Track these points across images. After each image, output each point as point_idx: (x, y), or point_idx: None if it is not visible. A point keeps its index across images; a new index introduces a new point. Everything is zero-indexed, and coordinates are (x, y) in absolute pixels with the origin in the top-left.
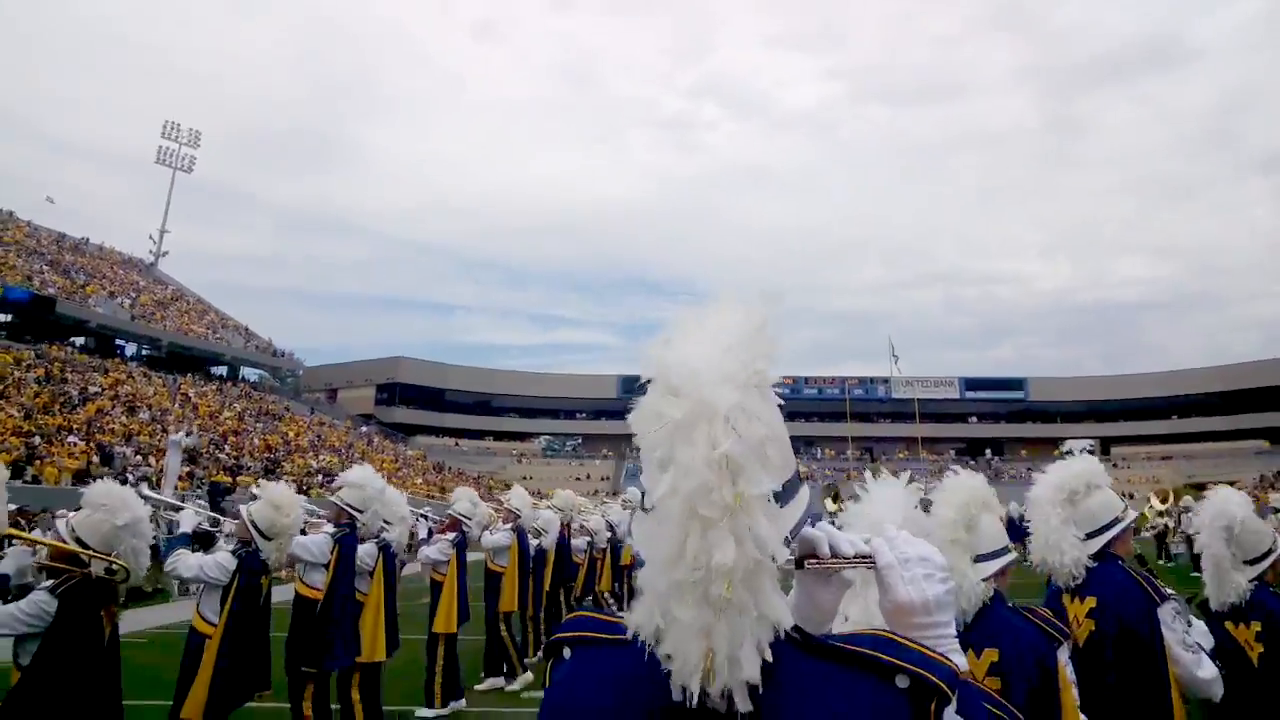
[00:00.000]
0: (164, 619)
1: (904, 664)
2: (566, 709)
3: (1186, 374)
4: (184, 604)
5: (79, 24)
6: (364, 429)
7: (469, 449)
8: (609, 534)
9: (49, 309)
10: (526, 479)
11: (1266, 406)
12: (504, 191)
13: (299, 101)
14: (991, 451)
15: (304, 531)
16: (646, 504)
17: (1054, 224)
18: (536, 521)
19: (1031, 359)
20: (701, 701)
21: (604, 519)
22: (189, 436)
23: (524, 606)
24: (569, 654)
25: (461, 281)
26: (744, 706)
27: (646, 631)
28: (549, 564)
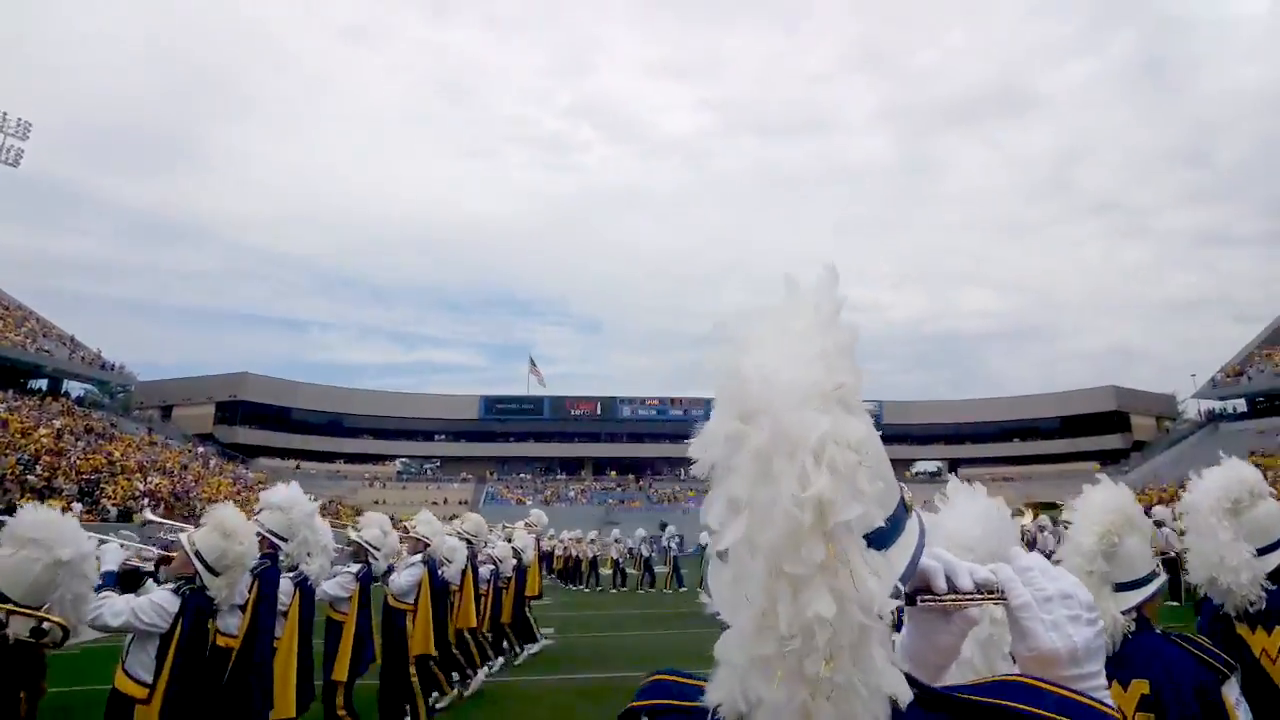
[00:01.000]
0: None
1: (1056, 717)
2: None
3: (1026, 400)
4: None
5: None
6: (201, 449)
7: (317, 472)
8: (514, 561)
9: None
10: (379, 503)
11: (1098, 431)
12: (370, 204)
13: (149, 98)
14: None
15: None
16: (717, 549)
17: (908, 257)
18: (443, 549)
19: (885, 385)
20: None
21: (509, 545)
22: None
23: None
24: None
25: (319, 296)
26: None
27: (728, 711)
28: (463, 595)
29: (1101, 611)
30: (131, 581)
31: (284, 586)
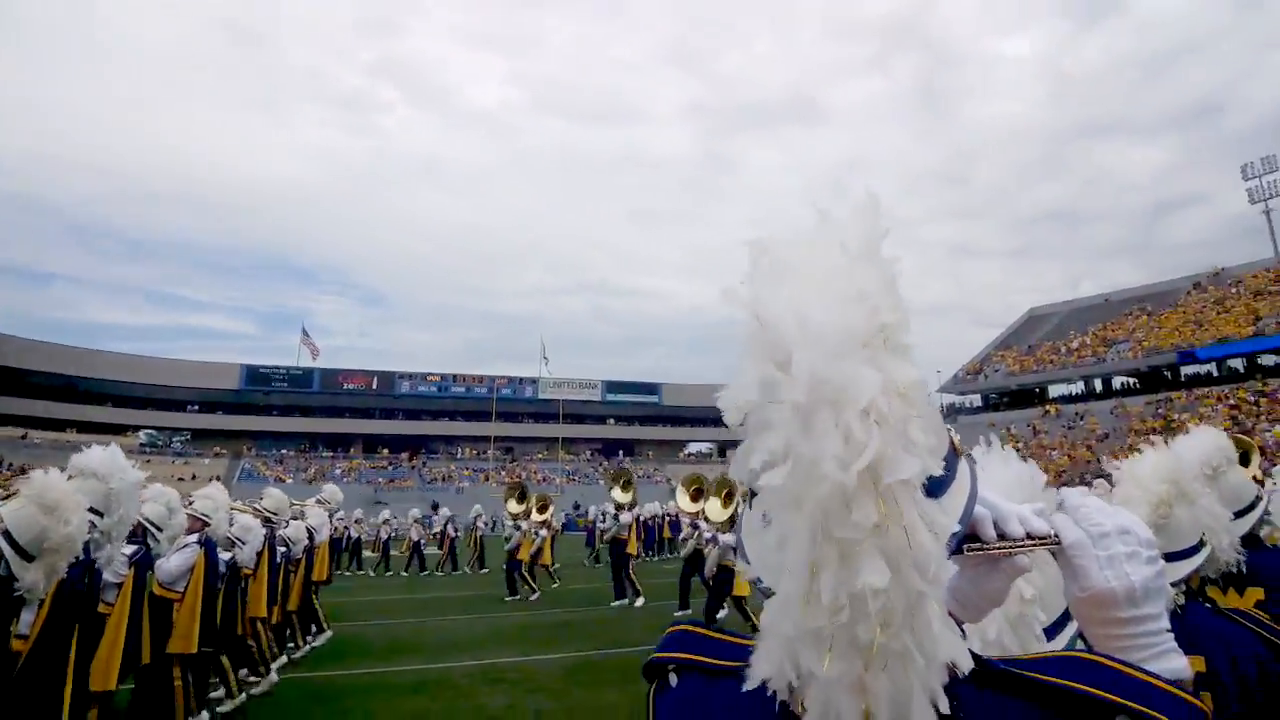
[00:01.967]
0: None
1: (1124, 701)
2: None
3: None
4: None
5: None
6: None
7: (43, 441)
8: (306, 542)
9: None
10: None
11: None
12: (135, 151)
13: None
14: (624, 452)
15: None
16: (755, 512)
17: (697, 248)
18: (231, 529)
19: (666, 368)
20: None
21: (303, 525)
22: None
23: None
24: (675, 681)
25: (66, 247)
26: None
27: (778, 684)
28: (256, 580)
29: None
30: None
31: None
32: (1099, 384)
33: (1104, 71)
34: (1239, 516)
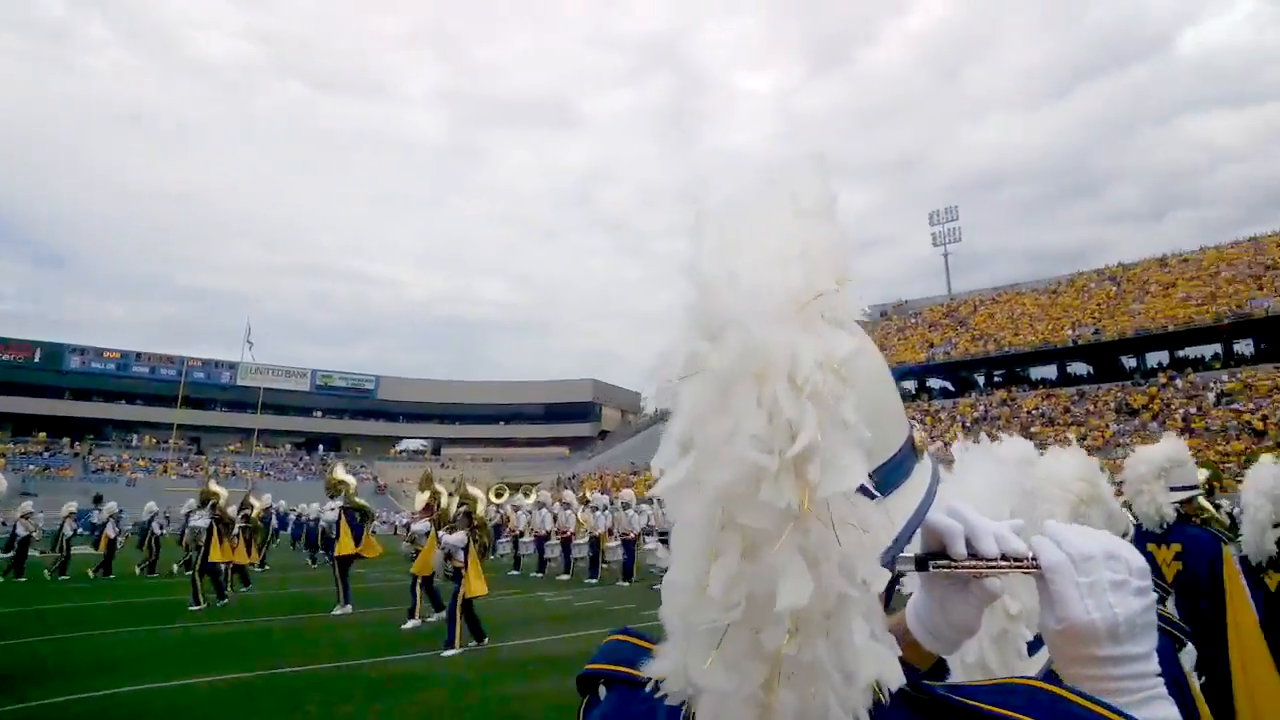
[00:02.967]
0: None
1: None
2: None
3: (516, 386)
4: None
5: None
6: None
7: None
8: None
9: None
10: None
11: (575, 419)
12: None
13: None
14: (326, 447)
15: None
16: (661, 496)
17: (436, 238)
18: None
19: (386, 361)
20: None
21: None
22: None
23: None
24: (604, 693)
25: None
26: None
27: (670, 688)
28: None
29: None
30: None
31: None
32: None
33: (826, 115)
34: (1175, 491)
